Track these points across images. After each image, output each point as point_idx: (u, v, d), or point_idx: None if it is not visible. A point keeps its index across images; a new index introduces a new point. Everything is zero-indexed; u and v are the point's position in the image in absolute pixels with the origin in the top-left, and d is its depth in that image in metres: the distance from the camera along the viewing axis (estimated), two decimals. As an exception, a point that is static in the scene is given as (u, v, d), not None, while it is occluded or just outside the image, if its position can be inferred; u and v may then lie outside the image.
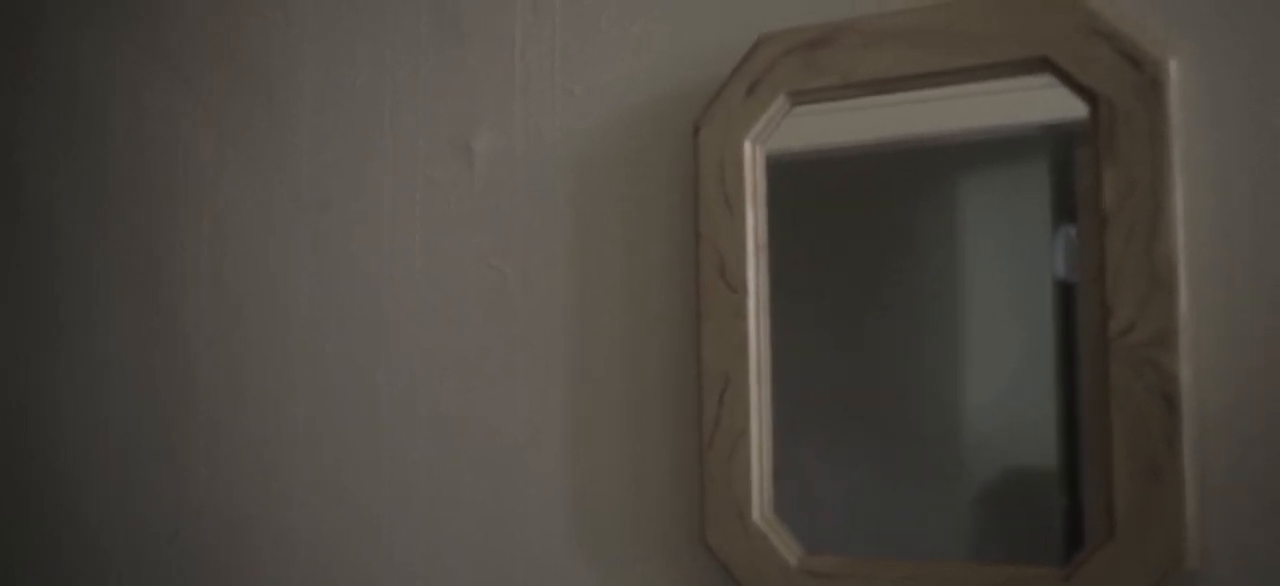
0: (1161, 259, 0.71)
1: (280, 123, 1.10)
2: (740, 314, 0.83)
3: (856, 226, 0.83)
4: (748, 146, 0.83)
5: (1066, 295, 0.76)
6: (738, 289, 0.83)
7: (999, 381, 0.78)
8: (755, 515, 0.82)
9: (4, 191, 1.27)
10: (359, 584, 1.03)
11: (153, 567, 1.14)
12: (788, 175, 0.84)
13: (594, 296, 0.93)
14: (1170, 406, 0.70)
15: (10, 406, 1.25)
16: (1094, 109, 0.73)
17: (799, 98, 0.83)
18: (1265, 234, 0.72)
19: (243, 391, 1.10)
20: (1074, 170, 0.76)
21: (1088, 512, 0.75)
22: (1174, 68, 0.72)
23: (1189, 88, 0.73)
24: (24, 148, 1.25)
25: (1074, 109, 0.75)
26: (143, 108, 1.18)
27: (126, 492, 1.16)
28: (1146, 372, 0.71)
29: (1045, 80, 0.76)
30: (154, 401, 1.15)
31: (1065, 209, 0.77)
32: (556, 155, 0.95)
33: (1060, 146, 0.77)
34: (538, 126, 0.96)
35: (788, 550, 0.81)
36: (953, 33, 0.77)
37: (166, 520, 1.14)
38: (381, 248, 1.03)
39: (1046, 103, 0.77)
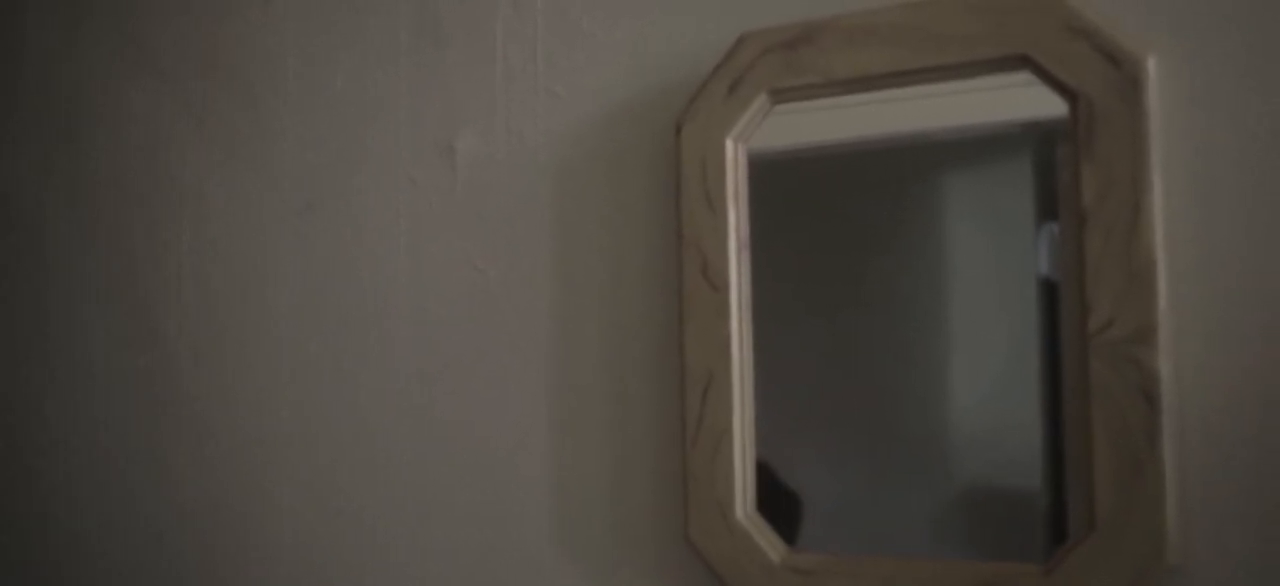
0: (1140, 256, 0.71)
1: (264, 126, 1.09)
2: (723, 313, 0.83)
3: (839, 225, 0.84)
4: (729, 145, 0.83)
5: (1051, 293, 0.77)
6: (720, 288, 0.83)
7: (983, 379, 0.79)
8: (738, 513, 0.82)
9: (-12, 195, 1.27)
10: (346, 584, 1.03)
11: (140, 571, 1.14)
12: (770, 174, 0.84)
13: (577, 297, 0.93)
14: (1150, 403, 0.70)
15: (-5, 410, 1.25)
16: (1073, 107, 0.74)
17: (780, 96, 0.83)
18: (1245, 231, 0.72)
19: (229, 394, 1.10)
20: (1056, 168, 0.76)
21: (1071, 510, 0.75)
22: (1152, 65, 0.72)
23: (1168, 85, 0.73)
24: (9, 152, 1.25)
25: (1055, 107, 0.75)
26: (127, 113, 1.18)
27: (114, 497, 1.16)
28: (1126, 369, 0.71)
29: (1026, 78, 0.76)
30: (141, 405, 1.15)
31: (1048, 206, 0.77)
32: (539, 156, 0.95)
33: (1042, 144, 0.77)
34: (520, 128, 0.96)
35: (771, 547, 0.81)
36: (933, 31, 0.77)
37: (154, 524, 1.13)
38: (366, 250, 1.03)
39: (1028, 100, 0.77)
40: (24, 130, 1.24)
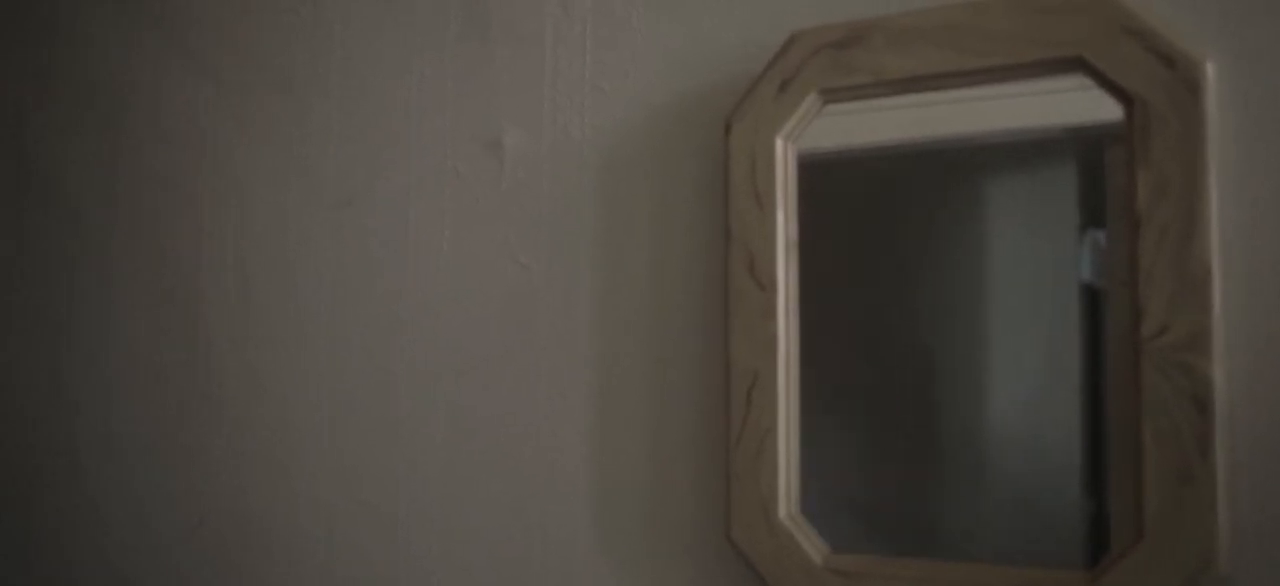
0: (1195, 261, 0.70)
1: (304, 118, 1.10)
2: (770, 312, 0.83)
3: (884, 227, 0.83)
4: (779, 144, 0.83)
5: (1092, 299, 0.76)
6: (767, 286, 0.83)
7: (1024, 384, 0.78)
8: (781, 513, 0.82)
9: (24, 185, 1.27)
10: (375, 580, 1.03)
11: (168, 562, 1.15)
12: (817, 175, 0.84)
13: (621, 293, 0.93)
14: (1202, 410, 0.70)
15: (28, 400, 1.25)
16: (1128, 110, 0.73)
17: (831, 96, 0.82)
18: (1300, 238, 0.71)
19: (261, 388, 1.11)
20: (1102, 174, 0.76)
21: (1113, 516, 0.74)
22: (1210, 69, 0.71)
23: (1224, 89, 0.73)
24: (45, 141, 1.26)
25: (1103, 111, 0.75)
26: (164, 101, 1.19)
27: (143, 487, 1.17)
28: (1178, 376, 0.70)
29: (1073, 82, 0.76)
30: (172, 396, 1.16)
31: (1092, 213, 0.76)
32: (585, 152, 0.95)
33: (1088, 149, 0.77)
34: (566, 124, 0.96)
35: (813, 548, 0.81)
36: (985, 31, 0.77)
37: (183, 515, 1.14)
38: (405, 245, 1.04)
39: (1075, 105, 0.76)
40: (60, 111, 1.25)
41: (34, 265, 1.26)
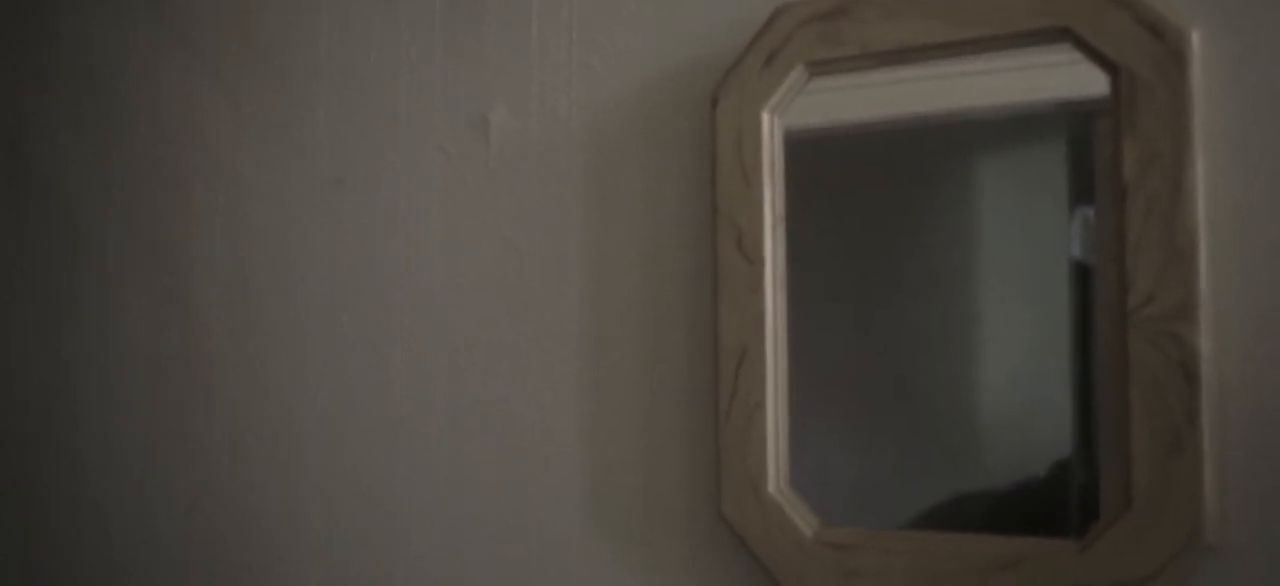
0: (1182, 231, 0.70)
1: (295, 101, 1.10)
2: (757, 286, 0.83)
3: (873, 204, 0.83)
4: (766, 118, 0.83)
5: (1083, 276, 0.76)
6: (755, 261, 0.83)
7: (1015, 360, 0.78)
8: (771, 487, 0.82)
9: (19, 174, 1.27)
10: (373, 567, 1.03)
11: (165, 552, 1.15)
12: (805, 151, 0.84)
13: (610, 271, 0.93)
14: (1190, 380, 0.70)
15: (26, 390, 1.25)
16: (1114, 80, 0.73)
17: (817, 68, 0.82)
18: (1286, 207, 0.71)
19: (257, 374, 1.11)
20: (1091, 150, 0.76)
21: (1103, 491, 0.74)
22: (1196, 38, 0.71)
23: (1211, 59, 0.73)
24: (40, 130, 1.26)
25: (1092, 85, 0.74)
26: (158, 89, 1.18)
27: (140, 477, 1.16)
28: (1166, 345, 0.71)
29: (1063, 57, 0.75)
30: (168, 385, 1.16)
31: (1082, 189, 0.76)
32: (572, 129, 0.95)
33: (1077, 125, 0.77)
34: (554, 101, 0.96)
35: (804, 522, 0.81)
36: (972, 3, 0.77)
37: (180, 504, 1.14)
38: (397, 226, 1.03)
39: (1064, 79, 0.76)
40: (57, 107, 1.25)
41: (33, 263, 1.25)
